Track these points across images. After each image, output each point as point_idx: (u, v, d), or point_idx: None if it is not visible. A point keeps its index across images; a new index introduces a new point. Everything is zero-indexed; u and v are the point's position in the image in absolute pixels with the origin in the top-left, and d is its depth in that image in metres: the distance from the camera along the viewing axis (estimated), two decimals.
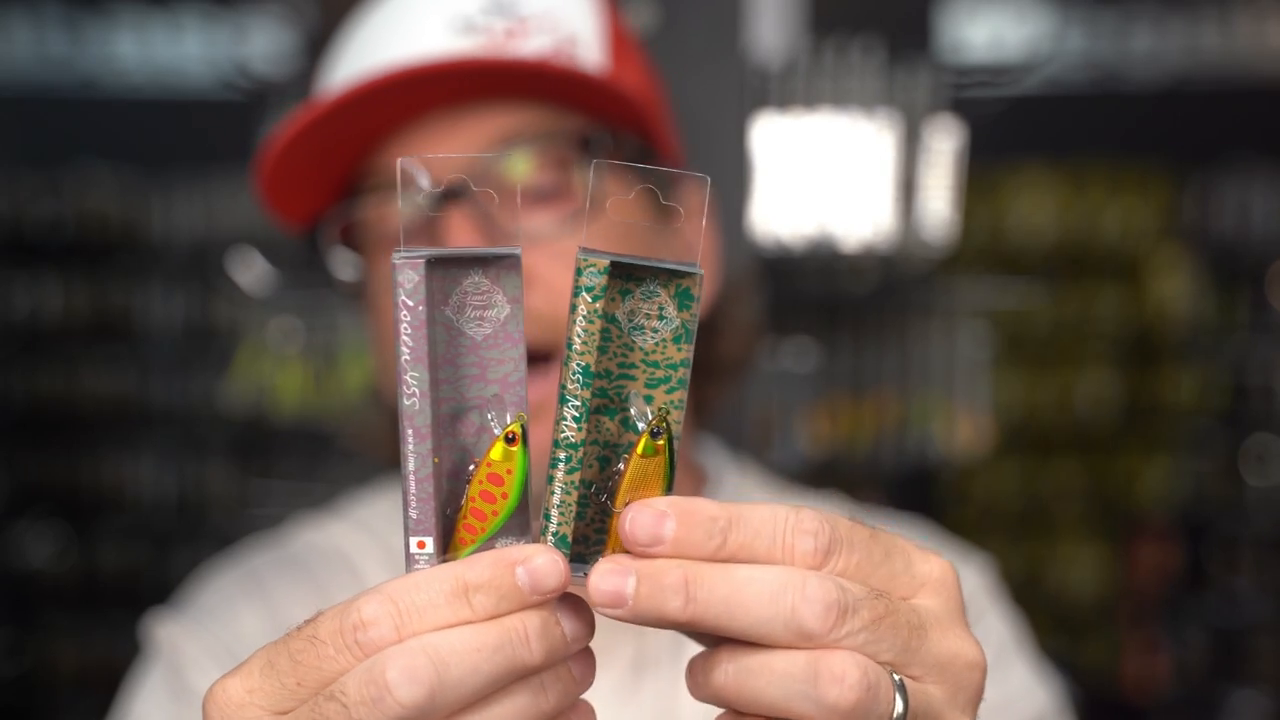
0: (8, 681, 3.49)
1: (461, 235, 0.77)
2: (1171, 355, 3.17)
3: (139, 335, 3.50)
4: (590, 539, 0.46)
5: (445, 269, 0.45)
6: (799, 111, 2.62)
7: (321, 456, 3.07)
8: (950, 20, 3.30)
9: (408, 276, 0.44)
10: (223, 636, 0.85)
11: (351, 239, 0.87)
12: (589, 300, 0.44)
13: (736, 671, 0.45)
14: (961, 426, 2.90)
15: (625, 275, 0.45)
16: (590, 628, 0.45)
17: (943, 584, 0.48)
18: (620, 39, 0.88)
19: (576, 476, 0.45)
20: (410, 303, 0.44)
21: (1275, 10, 3.22)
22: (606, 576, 0.44)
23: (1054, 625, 3.07)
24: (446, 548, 0.46)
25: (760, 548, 0.45)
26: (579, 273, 0.44)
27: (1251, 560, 3.18)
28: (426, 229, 0.80)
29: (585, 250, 0.44)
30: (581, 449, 0.45)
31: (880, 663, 0.45)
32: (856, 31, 2.72)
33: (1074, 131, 3.28)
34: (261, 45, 3.62)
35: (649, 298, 0.45)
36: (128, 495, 3.50)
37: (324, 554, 0.90)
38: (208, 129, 3.45)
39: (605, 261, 0.44)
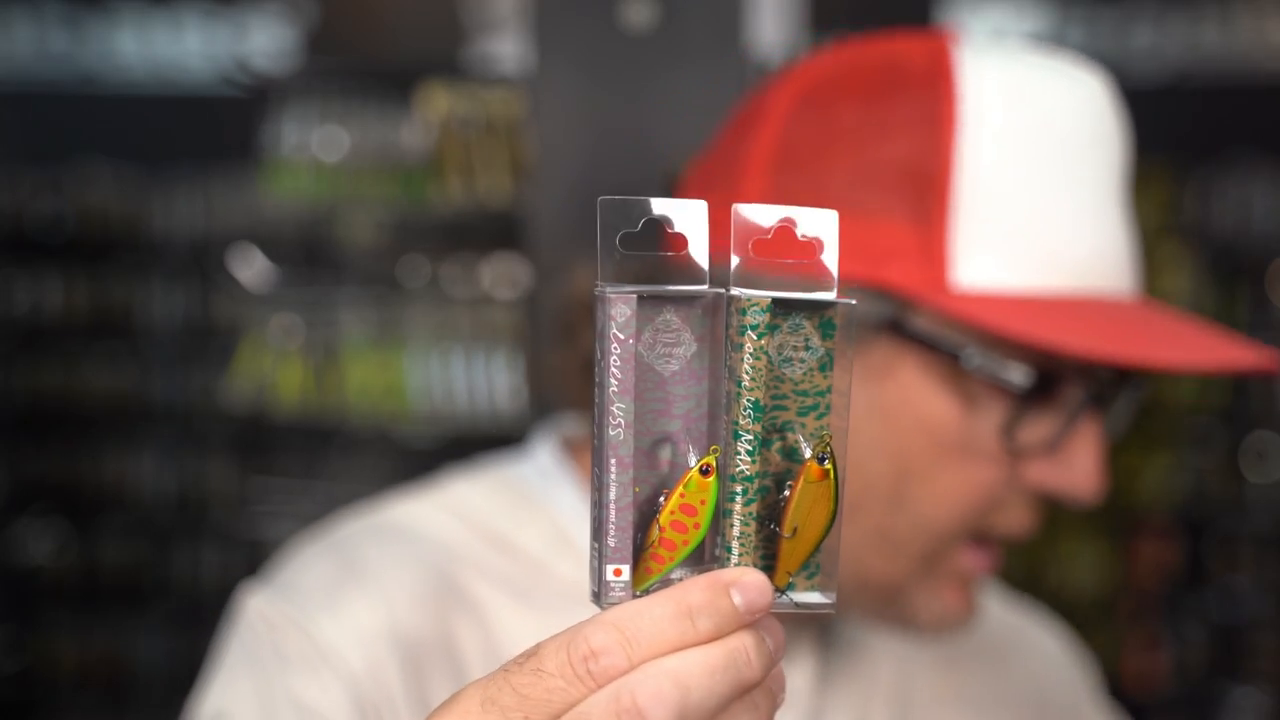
0: (8, 678, 3.50)
1: None
2: None
3: (139, 332, 3.50)
4: (758, 565, 0.49)
5: (641, 305, 0.47)
6: None
7: (322, 453, 3.07)
8: (951, 17, 3.30)
9: (620, 311, 0.45)
10: (326, 629, 0.77)
11: None
12: (754, 338, 0.46)
13: None
14: None
15: (774, 310, 0.48)
16: (783, 643, 0.47)
17: None
18: None
19: (754, 508, 0.47)
20: (621, 336, 0.46)
21: (1276, 7, 3.22)
22: None
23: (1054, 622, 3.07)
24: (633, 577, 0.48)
25: None
26: (742, 312, 0.46)
27: (1251, 557, 3.19)
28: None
29: (742, 290, 0.46)
30: (756, 481, 0.47)
31: None
32: (857, 28, 2.72)
33: None
34: (262, 42, 3.62)
35: (795, 330, 0.48)
36: (128, 492, 3.51)
37: (440, 547, 0.83)
38: (208, 126, 3.46)
39: (767, 300, 0.46)
